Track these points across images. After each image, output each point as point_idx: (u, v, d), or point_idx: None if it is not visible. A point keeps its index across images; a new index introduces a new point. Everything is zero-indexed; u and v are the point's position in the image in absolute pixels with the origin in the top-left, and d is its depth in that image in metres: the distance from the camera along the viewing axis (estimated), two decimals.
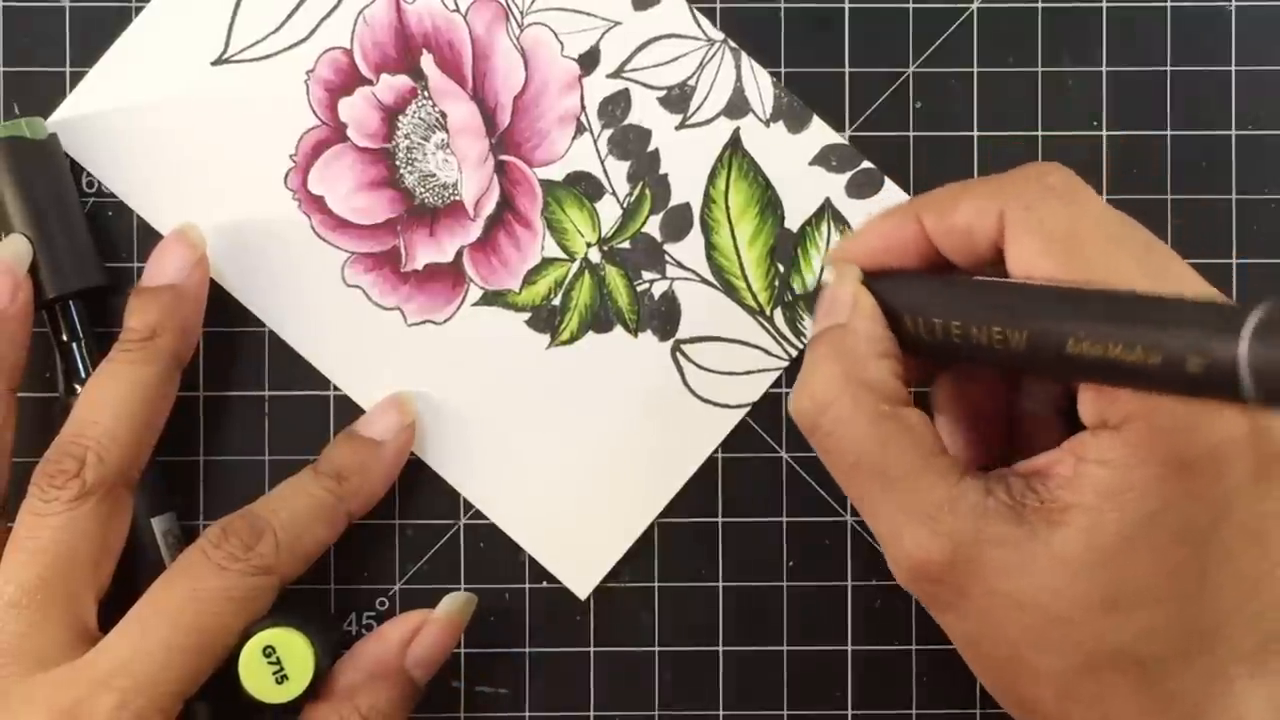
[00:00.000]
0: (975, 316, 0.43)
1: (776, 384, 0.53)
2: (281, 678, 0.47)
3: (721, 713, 0.53)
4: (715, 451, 0.53)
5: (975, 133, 0.53)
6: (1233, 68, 0.53)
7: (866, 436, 0.44)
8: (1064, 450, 0.42)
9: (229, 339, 0.53)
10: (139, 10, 0.53)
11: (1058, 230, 0.43)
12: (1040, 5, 0.53)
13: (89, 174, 0.53)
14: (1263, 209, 0.53)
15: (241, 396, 0.53)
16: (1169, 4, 0.53)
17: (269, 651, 0.47)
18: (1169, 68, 0.53)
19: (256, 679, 0.47)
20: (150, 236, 0.52)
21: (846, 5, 0.53)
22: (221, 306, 0.53)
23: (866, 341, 0.45)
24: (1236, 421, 0.41)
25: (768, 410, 0.53)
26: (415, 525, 0.53)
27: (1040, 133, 0.53)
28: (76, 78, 0.53)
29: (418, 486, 0.53)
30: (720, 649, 0.53)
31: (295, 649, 0.47)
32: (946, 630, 0.45)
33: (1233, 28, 0.53)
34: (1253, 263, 0.53)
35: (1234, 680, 0.41)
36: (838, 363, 0.44)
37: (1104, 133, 0.53)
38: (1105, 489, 0.41)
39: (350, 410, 0.53)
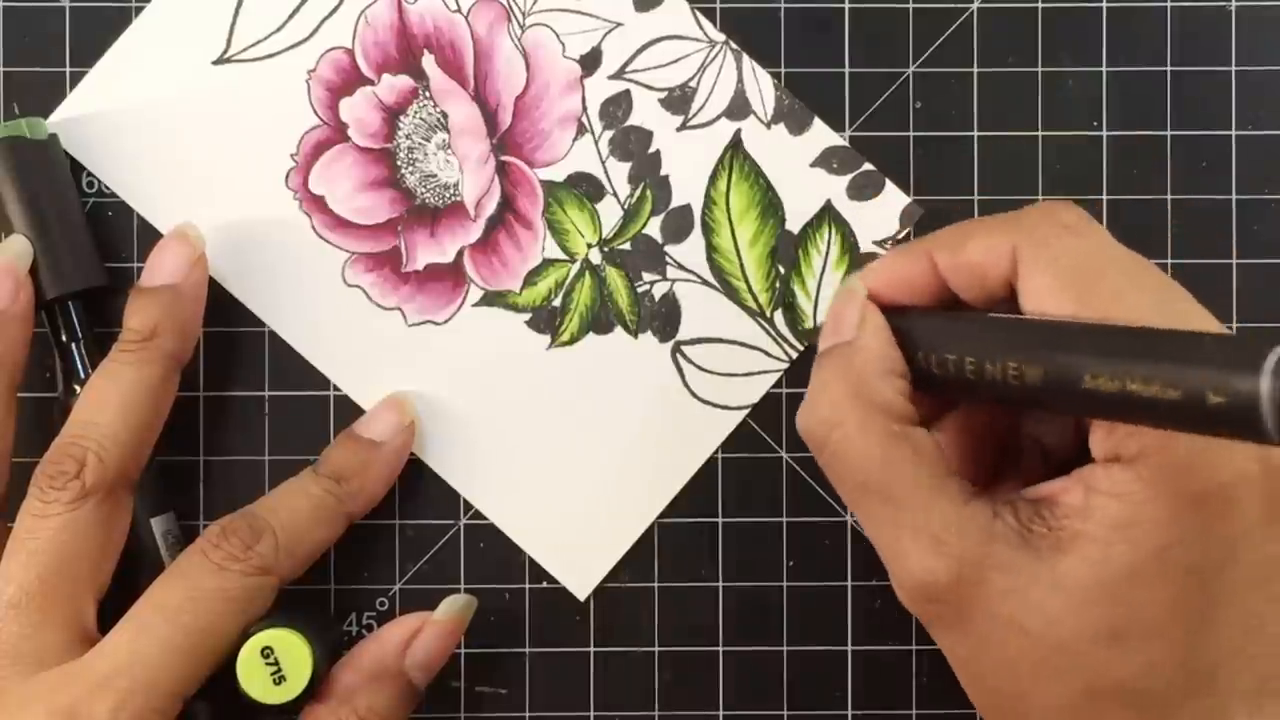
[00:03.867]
0: (989, 352, 0.42)
1: (777, 385, 0.53)
2: (280, 679, 0.47)
3: (721, 713, 0.53)
4: (715, 452, 0.53)
5: (975, 133, 0.53)
6: (1233, 68, 0.53)
7: (874, 457, 0.43)
8: (1073, 479, 0.42)
9: (229, 339, 0.53)
10: (139, 10, 0.53)
11: (1071, 267, 0.43)
12: (1040, 5, 0.53)
13: (89, 174, 0.53)
14: (1263, 209, 0.53)
15: (241, 396, 0.53)
16: (1169, 4, 0.53)
17: (267, 652, 0.47)
18: (1169, 68, 0.53)
19: (255, 680, 0.47)
20: (151, 236, 0.52)
21: (846, 5, 0.53)
22: (221, 306, 0.53)
23: (875, 360, 0.45)
24: (1250, 460, 0.41)
25: (768, 410, 0.53)
26: (415, 525, 0.53)
27: (1040, 133, 0.53)
28: (76, 78, 0.53)
29: (418, 486, 0.53)
30: (720, 649, 0.53)
31: (294, 650, 0.47)
32: (946, 653, 0.45)
33: (1233, 28, 0.53)
34: (1253, 263, 0.53)
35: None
36: (845, 382, 0.44)
37: (1104, 133, 0.53)
38: (1116, 521, 0.41)
39: (350, 410, 0.52)
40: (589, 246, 0.53)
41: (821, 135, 0.53)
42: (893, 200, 0.53)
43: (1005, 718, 0.44)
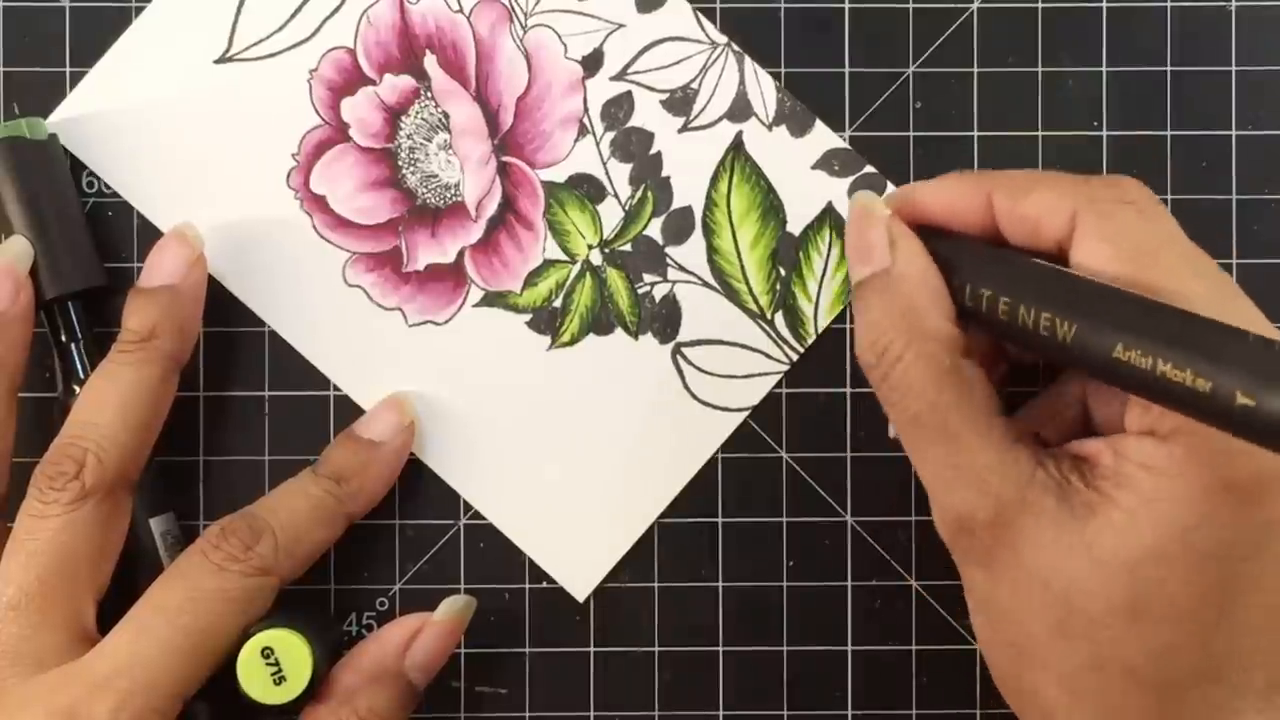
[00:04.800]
0: (1028, 296, 0.42)
1: (777, 385, 0.53)
2: (280, 679, 0.47)
3: (721, 713, 0.53)
4: (715, 452, 0.53)
5: (975, 133, 0.53)
6: (1233, 68, 0.53)
7: (930, 389, 0.44)
8: (1108, 443, 0.42)
9: (229, 339, 0.53)
10: (139, 10, 0.53)
11: (1131, 241, 0.43)
12: (1040, 5, 0.53)
13: (89, 173, 0.53)
14: (1263, 209, 0.53)
15: (241, 396, 0.53)
16: (1169, 4, 0.53)
17: (267, 652, 0.47)
18: (1169, 68, 0.53)
19: (254, 680, 0.47)
20: (151, 236, 0.52)
21: (846, 5, 0.53)
22: (221, 306, 0.53)
23: (920, 287, 0.45)
24: None
25: (768, 411, 0.53)
26: (415, 525, 0.53)
27: (1040, 133, 0.53)
28: (76, 78, 0.53)
29: (418, 486, 0.53)
30: (720, 649, 0.53)
31: (294, 650, 0.47)
32: (969, 591, 0.45)
33: (1233, 28, 0.53)
34: (1253, 263, 0.53)
35: (1241, 714, 0.41)
36: (897, 310, 0.45)
37: (1104, 133, 0.53)
38: (1144, 494, 0.41)
39: (350, 410, 0.52)
40: (590, 247, 0.53)
41: (823, 137, 0.53)
42: None
43: (1012, 675, 0.44)
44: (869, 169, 0.53)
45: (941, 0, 0.53)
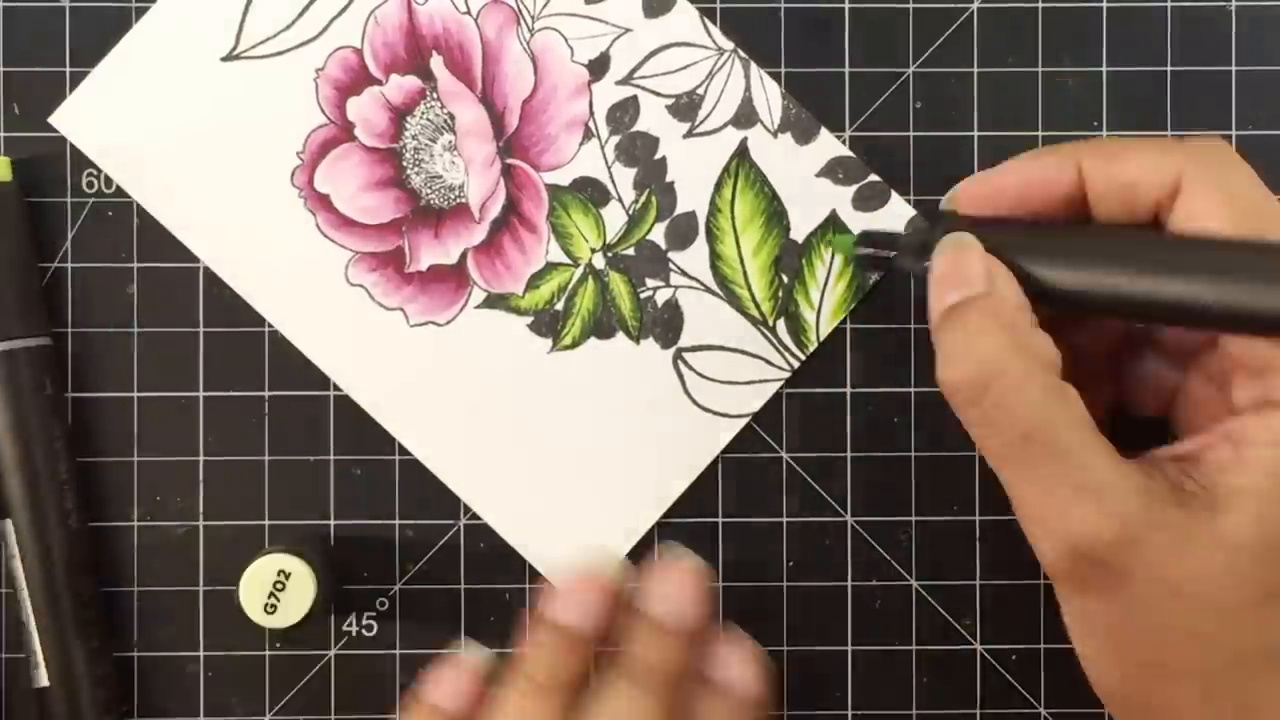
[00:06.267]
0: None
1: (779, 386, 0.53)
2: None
3: None
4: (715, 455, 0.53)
5: (975, 133, 0.53)
6: (1233, 68, 0.53)
7: (1040, 406, 0.42)
8: (1217, 435, 0.42)
9: (229, 339, 0.53)
10: (140, 11, 0.53)
11: (1242, 194, 0.42)
12: (1040, 5, 0.53)
13: (89, 172, 0.52)
14: None
15: (241, 397, 0.53)
16: (1169, 4, 0.53)
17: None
18: (1169, 68, 0.53)
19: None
20: (151, 237, 0.52)
21: (846, 5, 0.53)
22: (222, 306, 0.52)
23: (1021, 310, 0.43)
24: None
25: (769, 411, 0.53)
26: (415, 525, 0.53)
27: (1040, 133, 0.53)
28: (77, 78, 0.53)
29: (418, 486, 0.53)
30: None
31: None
32: (1080, 619, 0.43)
33: (1233, 28, 0.53)
34: None
35: None
36: (1002, 331, 0.43)
37: (1104, 133, 0.53)
38: (1277, 472, 0.40)
39: (350, 410, 0.52)
40: (593, 251, 0.53)
41: (827, 145, 0.53)
42: (898, 212, 0.53)
43: (1141, 693, 0.43)
44: (873, 178, 0.53)
45: (941, 0, 0.53)
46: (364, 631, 0.53)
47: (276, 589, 0.48)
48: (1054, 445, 0.41)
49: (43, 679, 0.51)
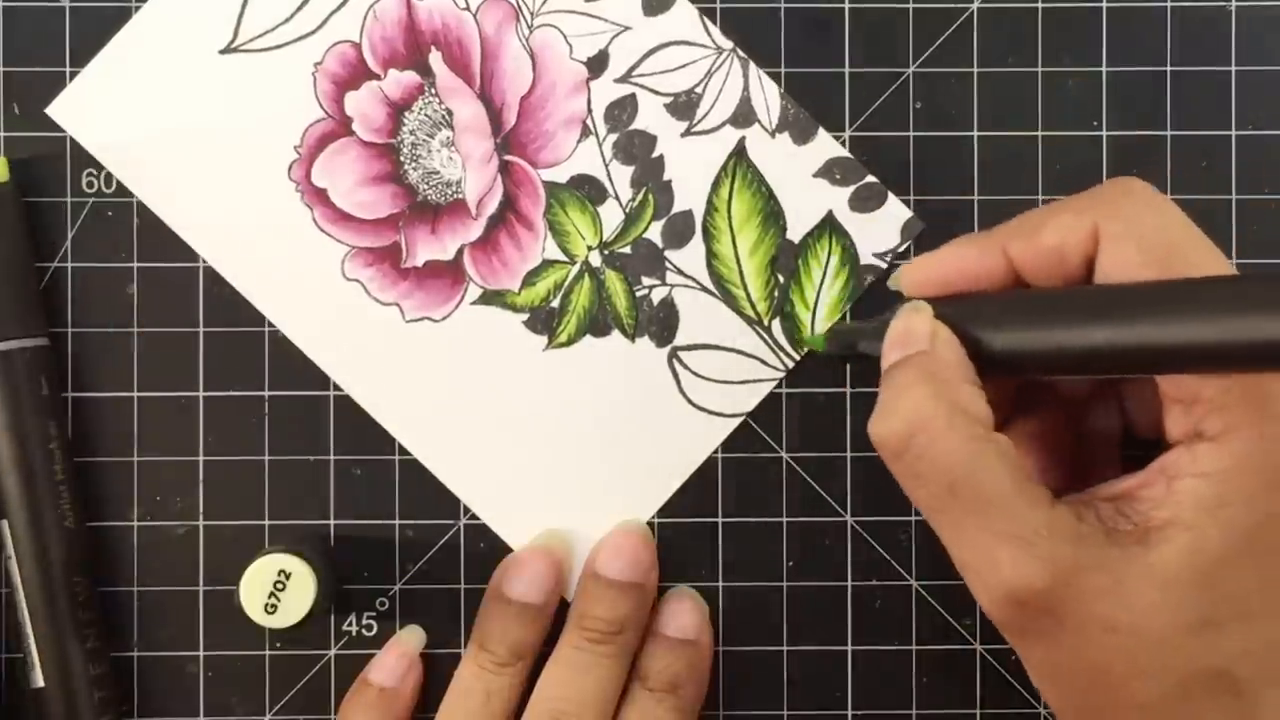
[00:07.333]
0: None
1: (778, 385, 0.53)
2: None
3: (721, 713, 0.53)
4: (715, 451, 0.53)
5: (975, 133, 0.53)
6: (1233, 68, 0.53)
7: (963, 458, 0.42)
8: (1150, 471, 0.42)
9: (229, 339, 0.53)
10: (139, 10, 0.53)
11: (1156, 240, 0.42)
12: (1040, 5, 0.53)
13: (89, 173, 0.53)
14: (1263, 209, 0.53)
15: (241, 396, 0.53)
16: (1169, 4, 0.53)
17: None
18: (1169, 68, 0.53)
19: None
20: (151, 237, 0.52)
21: (846, 5, 0.53)
22: (222, 305, 0.53)
23: (956, 366, 0.44)
24: None
25: (768, 410, 0.53)
26: (415, 525, 0.53)
27: (1040, 133, 0.53)
28: (76, 77, 0.53)
29: (418, 486, 0.53)
30: (720, 649, 0.53)
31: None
32: (1031, 664, 0.44)
33: (1233, 28, 0.53)
34: (1252, 263, 0.53)
35: None
36: (930, 385, 0.43)
37: (1104, 133, 0.53)
38: (1207, 503, 0.40)
39: (350, 410, 0.52)
40: (589, 249, 0.53)
41: (825, 146, 0.53)
42: (894, 213, 0.53)
43: None
44: (870, 179, 0.53)
45: (941, 0, 0.53)
46: (364, 631, 0.53)
47: (277, 589, 0.48)
48: (979, 495, 0.42)
49: (39, 680, 0.51)
